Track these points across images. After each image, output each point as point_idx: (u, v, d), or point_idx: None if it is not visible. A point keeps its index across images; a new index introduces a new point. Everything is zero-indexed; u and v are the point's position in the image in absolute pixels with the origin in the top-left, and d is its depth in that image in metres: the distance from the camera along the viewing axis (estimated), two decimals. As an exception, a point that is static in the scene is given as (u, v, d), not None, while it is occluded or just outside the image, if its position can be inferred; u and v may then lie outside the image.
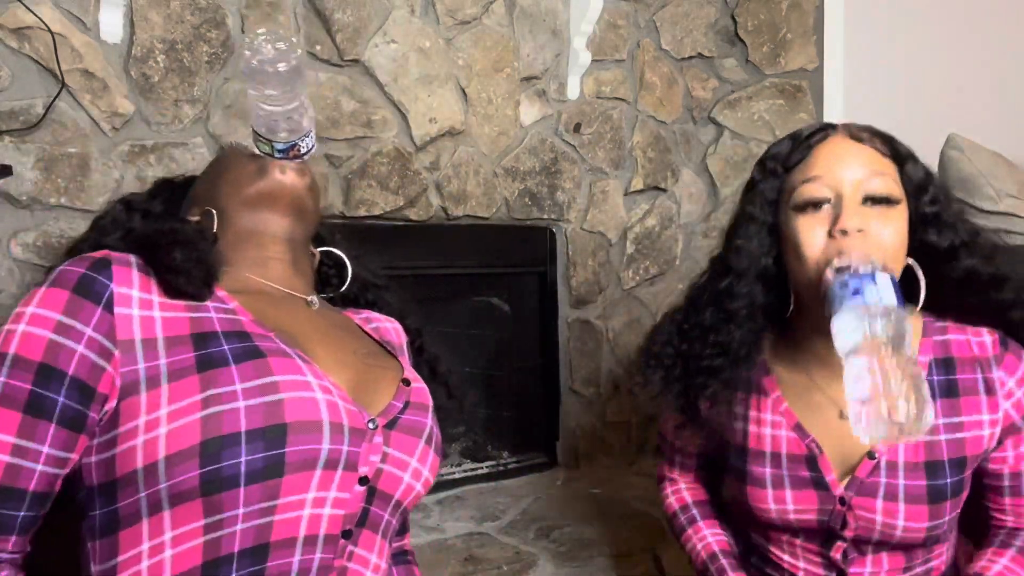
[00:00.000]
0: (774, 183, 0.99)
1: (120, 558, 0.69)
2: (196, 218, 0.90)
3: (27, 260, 1.42)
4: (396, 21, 1.85)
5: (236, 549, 0.69)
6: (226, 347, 0.73)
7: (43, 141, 1.44)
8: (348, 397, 0.77)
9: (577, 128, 2.20)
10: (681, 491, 1.21)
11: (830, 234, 0.90)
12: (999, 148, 2.34)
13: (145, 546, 0.69)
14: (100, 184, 1.49)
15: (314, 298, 0.89)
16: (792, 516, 0.98)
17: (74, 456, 0.71)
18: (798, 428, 0.98)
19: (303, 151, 0.87)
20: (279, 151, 0.86)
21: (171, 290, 0.75)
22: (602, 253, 2.28)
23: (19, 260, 1.42)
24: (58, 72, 1.44)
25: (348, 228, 1.79)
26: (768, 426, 1.00)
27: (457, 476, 2.09)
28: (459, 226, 2.02)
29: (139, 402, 0.70)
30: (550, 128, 2.16)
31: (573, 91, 2.19)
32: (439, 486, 2.02)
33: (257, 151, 0.87)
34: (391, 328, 1.01)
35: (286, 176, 0.86)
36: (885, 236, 0.89)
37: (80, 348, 0.69)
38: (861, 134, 0.96)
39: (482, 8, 1.99)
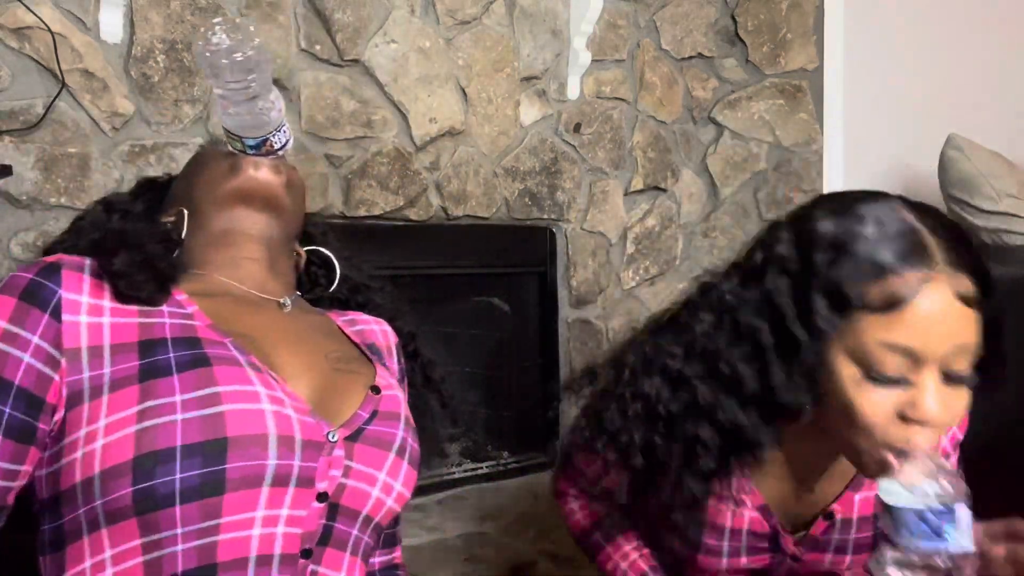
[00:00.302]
0: (839, 321, 0.75)
1: (66, 574, 0.67)
2: (171, 218, 0.86)
3: (27, 260, 1.42)
4: (396, 21, 1.85)
5: (180, 570, 0.65)
6: (172, 355, 0.69)
7: (43, 141, 1.44)
8: (306, 408, 0.72)
9: (577, 128, 2.20)
10: (590, 505, 1.08)
11: (901, 415, 0.74)
12: (999, 148, 2.34)
13: (88, 563, 0.66)
14: (100, 184, 1.49)
15: (287, 300, 0.85)
16: (741, 569, 0.96)
17: (25, 468, 0.68)
18: (763, 509, 0.92)
19: (277, 146, 0.83)
20: (251, 147, 0.82)
21: (120, 295, 0.72)
22: (602, 253, 2.28)
23: (19, 260, 1.42)
24: (58, 72, 1.44)
25: (348, 228, 1.79)
26: (730, 502, 0.92)
27: (457, 476, 2.09)
28: (459, 226, 2.02)
29: (82, 413, 0.67)
30: (550, 128, 2.16)
31: (573, 91, 2.19)
32: (439, 486, 2.02)
33: (231, 149, 0.83)
34: (378, 330, 0.96)
35: (260, 173, 0.82)
36: (955, 416, 0.75)
37: (26, 357, 0.67)
38: (967, 286, 0.74)
39: (482, 8, 1.99)
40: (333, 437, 0.73)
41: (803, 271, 0.77)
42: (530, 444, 2.24)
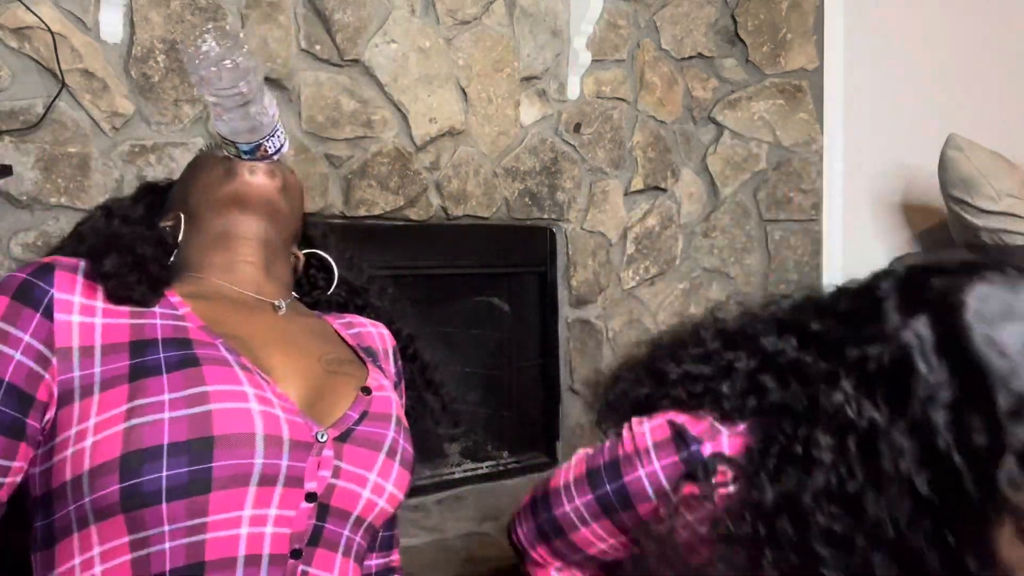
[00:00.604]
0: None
1: (56, 571, 0.68)
2: (169, 223, 0.88)
3: (27, 260, 1.42)
4: (396, 21, 1.85)
5: (167, 568, 0.66)
6: (161, 355, 0.70)
7: (43, 141, 1.44)
8: (295, 408, 0.73)
9: (577, 128, 2.20)
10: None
11: None
12: (999, 148, 2.34)
13: (77, 561, 0.67)
14: (100, 184, 1.49)
15: (281, 302, 0.86)
16: None
17: (17, 464, 0.69)
18: None
19: (271, 151, 0.84)
20: (245, 152, 0.83)
21: (111, 296, 0.73)
22: (602, 253, 2.28)
23: (19, 260, 1.42)
24: (58, 72, 1.44)
25: (348, 228, 1.79)
26: None
27: (457, 476, 2.09)
28: (459, 226, 2.02)
29: (73, 412, 0.68)
30: (550, 128, 2.16)
31: (573, 91, 2.19)
32: (439, 486, 2.02)
33: (227, 154, 0.85)
34: (375, 333, 0.96)
35: (255, 177, 0.84)
36: None
37: (17, 355, 0.68)
38: None
39: (482, 8, 1.99)
40: (322, 437, 0.74)
41: (973, 410, 0.62)
42: (530, 444, 2.24)
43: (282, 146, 0.86)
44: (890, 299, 0.69)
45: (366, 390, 0.82)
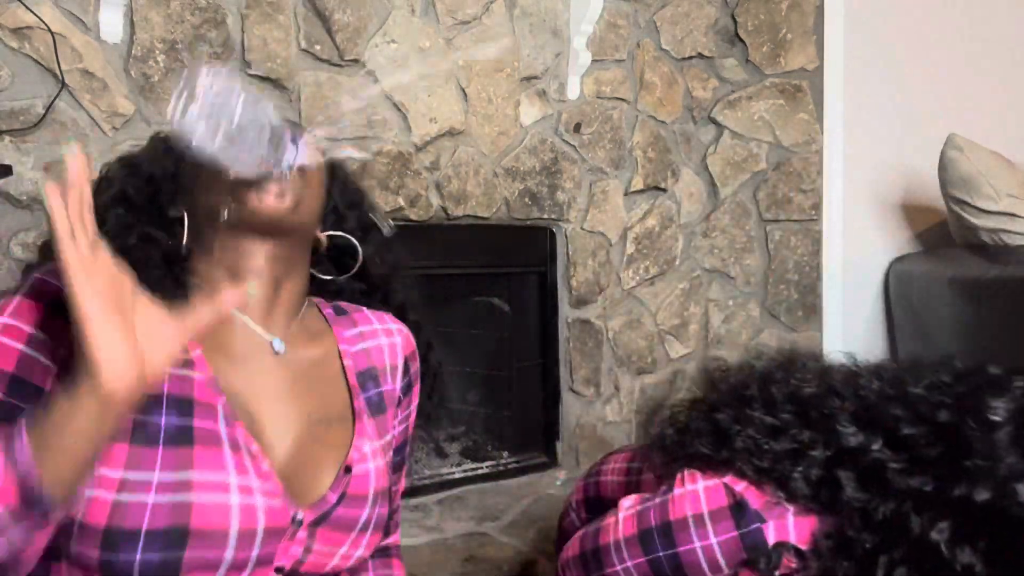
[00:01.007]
0: None
1: None
2: (177, 215, 0.84)
3: (27, 260, 1.42)
4: (396, 21, 1.85)
5: None
6: (163, 420, 0.71)
7: (43, 141, 1.44)
8: (277, 490, 0.73)
9: (577, 128, 2.20)
10: None
11: None
12: (999, 148, 2.34)
13: None
14: (100, 184, 1.49)
15: (281, 344, 0.82)
16: None
17: None
18: None
19: (284, 168, 0.76)
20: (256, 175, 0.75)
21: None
22: (602, 253, 2.28)
23: (19, 260, 1.42)
24: (58, 72, 1.44)
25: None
26: None
27: (457, 476, 2.09)
28: (459, 226, 2.02)
29: None
30: (550, 128, 2.16)
31: (573, 91, 2.19)
32: (439, 486, 2.02)
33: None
34: (385, 345, 0.92)
35: (262, 203, 0.76)
36: None
37: (52, 365, 0.69)
38: None
39: (482, 8, 1.99)
40: (299, 517, 0.75)
41: None
42: (530, 444, 2.24)
43: (296, 157, 0.76)
44: (1005, 430, 0.61)
45: (348, 469, 0.81)
